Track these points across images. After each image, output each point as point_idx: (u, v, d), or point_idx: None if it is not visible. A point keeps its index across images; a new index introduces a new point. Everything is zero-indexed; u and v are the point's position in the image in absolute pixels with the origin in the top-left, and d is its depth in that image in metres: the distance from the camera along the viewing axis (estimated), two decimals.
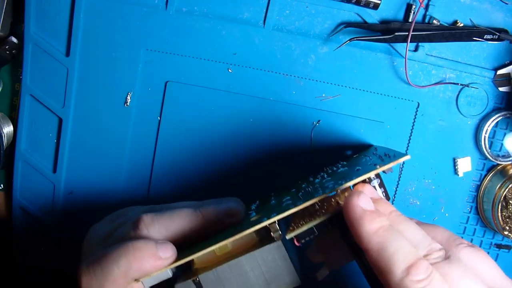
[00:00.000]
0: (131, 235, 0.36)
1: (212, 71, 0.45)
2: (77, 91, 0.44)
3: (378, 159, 0.36)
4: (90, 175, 0.46)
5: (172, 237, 0.36)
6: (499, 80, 0.46)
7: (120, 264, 0.33)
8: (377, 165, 0.34)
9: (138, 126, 0.45)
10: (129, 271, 0.33)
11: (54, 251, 0.48)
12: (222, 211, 0.37)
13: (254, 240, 0.35)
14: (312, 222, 0.33)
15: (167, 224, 0.36)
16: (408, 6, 0.44)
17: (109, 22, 0.43)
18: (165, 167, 0.46)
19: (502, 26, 0.45)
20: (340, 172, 0.38)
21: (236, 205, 0.38)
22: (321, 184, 0.37)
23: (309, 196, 0.34)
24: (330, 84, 0.45)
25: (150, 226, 0.36)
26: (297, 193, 0.37)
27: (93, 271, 0.33)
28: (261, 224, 0.33)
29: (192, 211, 0.37)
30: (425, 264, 0.29)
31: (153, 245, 0.34)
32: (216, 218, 0.37)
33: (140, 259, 0.33)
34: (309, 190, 0.36)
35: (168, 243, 0.35)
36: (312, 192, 0.35)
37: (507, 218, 0.47)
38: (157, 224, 0.36)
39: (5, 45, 0.44)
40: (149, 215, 0.36)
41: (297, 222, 0.34)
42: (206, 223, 0.37)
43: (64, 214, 0.47)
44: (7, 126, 0.46)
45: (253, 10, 0.44)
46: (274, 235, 0.34)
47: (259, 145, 0.46)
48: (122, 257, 0.33)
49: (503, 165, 0.47)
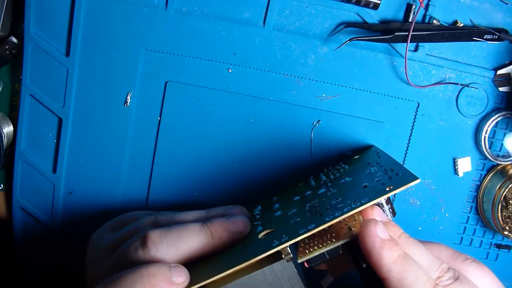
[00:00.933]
0: (139, 255, 0.35)
1: (212, 71, 0.45)
2: (77, 91, 0.44)
3: (385, 175, 0.36)
4: (90, 175, 0.46)
5: (182, 256, 0.36)
6: (499, 80, 0.46)
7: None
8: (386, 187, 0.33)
9: (138, 126, 0.45)
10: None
11: (54, 251, 0.48)
12: (231, 228, 0.37)
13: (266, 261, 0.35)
14: (324, 248, 0.34)
15: (176, 242, 0.36)
16: (408, 6, 0.44)
17: (109, 22, 0.43)
18: (165, 167, 0.46)
19: (502, 26, 0.45)
20: (344, 183, 0.38)
21: (243, 219, 0.38)
22: (326, 197, 0.37)
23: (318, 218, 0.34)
24: (330, 84, 0.45)
25: (159, 245, 0.36)
26: (303, 206, 0.37)
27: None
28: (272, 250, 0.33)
29: (200, 228, 0.37)
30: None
31: (167, 270, 0.34)
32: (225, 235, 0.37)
33: (155, 286, 0.33)
34: (315, 204, 0.36)
35: (181, 267, 0.35)
36: (320, 209, 0.35)
37: (507, 218, 0.47)
38: (165, 242, 0.36)
39: (5, 45, 0.43)
40: (156, 231, 0.36)
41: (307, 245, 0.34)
42: (215, 241, 0.37)
43: (64, 214, 0.47)
44: (7, 126, 0.46)
45: (253, 10, 0.44)
46: (285, 258, 0.34)
47: (259, 145, 0.46)
48: (137, 285, 0.33)
49: (503, 165, 0.47)
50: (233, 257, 0.35)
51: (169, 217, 0.40)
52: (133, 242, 0.36)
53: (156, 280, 0.33)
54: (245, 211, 0.40)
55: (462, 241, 0.49)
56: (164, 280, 0.33)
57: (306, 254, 0.34)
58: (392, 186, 0.33)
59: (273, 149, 0.46)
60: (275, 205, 0.40)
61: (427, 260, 0.34)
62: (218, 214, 0.40)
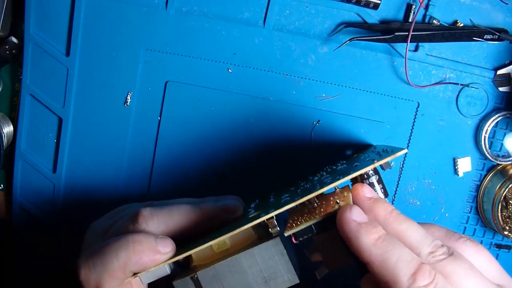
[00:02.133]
0: (129, 229, 0.36)
1: (212, 71, 0.45)
2: (77, 91, 0.44)
3: (376, 155, 0.37)
4: (90, 175, 0.46)
5: (171, 232, 0.36)
6: (499, 80, 0.46)
7: (119, 257, 0.33)
8: (375, 160, 0.34)
9: (138, 126, 0.45)
10: (128, 264, 0.33)
11: (54, 251, 0.48)
12: (221, 207, 0.37)
13: (252, 238, 0.35)
14: (311, 221, 0.33)
15: (166, 219, 0.36)
16: (408, 6, 0.44)
17: (109, 22, 0.43)
18: (165, 166, 0.46)
19: (502, 26, 0.45)
20: (339, 169, 0.39)
21: (235, 202, 0.38)
22: (319, 181, 0.37)
23: (307, 192, 0.34)
24: (330, 84, 0.45)
25: (149, 221, 0.36)
26: (296, 190, 0.37)
27: (92, 264, 0.33)
28: (259, 219, 0.33)
29: (191, 207, 0.37)
30: (428, 268, 0.30)
31: (153, 239, 0.34)
32: (215, 214, 0.37)
33: (139, 253, 0.33)
34: (307, 186, 0.36)
35: (168, 238, 0.35)
36: (310, 188, 0.35)
37: (507, 218, 0.47)
38: (156, 219, 0.36)
39: (5, 45, 0.44)
40: (148, 209, 0.36)
41: (295, 220, 0.34)
42: (205, 219, 0.37)
43: (64, 213, 0.47)
44: (7, 126, 0.46)
45: (253, 10, 0.44)
46: (272, 231, 0.34)
47: (259, 145, 0.46)
48: (121, 250, 0.33)
49: (503, 165, 0.47)
50: (220, 232, 0.35)
51: (163, 202, 0.40)
52: (125, 220, 0.37)
53: (141, 247, 0.33)
54: (238, 198, 0.40)
55: None
56: (149, 248, 0.33)
57: (293, 228, 0.33)
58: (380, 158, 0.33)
59: (273, 149, 0.46)
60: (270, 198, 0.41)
61: (418, 236, 0.33)
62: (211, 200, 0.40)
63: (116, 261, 0.33)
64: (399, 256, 0.30)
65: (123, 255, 0.33)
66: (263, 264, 0.34)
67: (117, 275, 0.33)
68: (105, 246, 0.34)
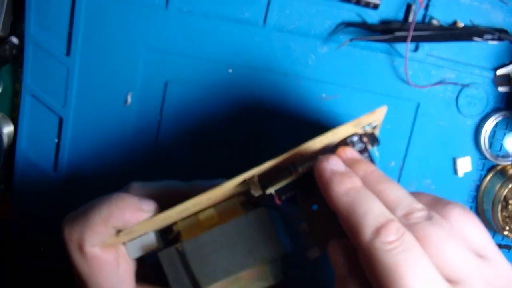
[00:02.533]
0: None
1: (212, 71, 0.45)
2: (78, 91, 0.44)
3: None
4: (91, 175, 0.46)
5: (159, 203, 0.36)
6: (499, 80, 0.46)
7: (101, 212, 0.33)
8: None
9: (138, 126, 0.45)
10: (110, 219, 0.33)
11: (54, 251, 0.48)
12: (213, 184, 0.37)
13: (240, 212, 0.35)
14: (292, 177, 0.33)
15: (155, 190, 0.37)
16: (408, 6, 0.44)
17: (110, 21, 0.43)
18: (165, 166, 0.46)
19: (502, 26, 0.45)
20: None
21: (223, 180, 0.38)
22: None
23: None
24: (330, 84, 0.45)
25: (138, 191, 0.36)
26: None
27: (76, 220, 0.34)
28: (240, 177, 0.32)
29: (183, 183, 0.38)
30: (396, 225, 0.28)
31: (136, 198, 0.34)
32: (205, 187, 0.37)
33: (122, 208, 0.33)
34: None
35: (151, 200, 0.35)
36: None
37: (507, 218, 0.47)
38: (145, 190, 0.37)
39: (5, 45, 0.44)
40: (139, 183, 0.37)
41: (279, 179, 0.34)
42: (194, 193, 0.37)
43: (64, 214, 0.47)
44: (7, 126, 0.46)
45: (253, 10, 0.44)
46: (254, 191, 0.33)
47: (259, 145, 0.46)
48: (104, 205, 0.33)
49: (503, 165, 0.47)
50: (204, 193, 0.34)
51: None
52: None
53: (124, 203, 0.33)
54: None
55: None
56: (132, 204, 0.33)
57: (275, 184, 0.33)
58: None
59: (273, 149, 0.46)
60: None
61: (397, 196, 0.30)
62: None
63: (98, 216, 0.33)
64: (368, 208, 0.28)
65: (105, 210, 0.33)
66: (248, 234, 0.34)
67: (99, 229, 0.33)
68: (89, 205, 0.34)
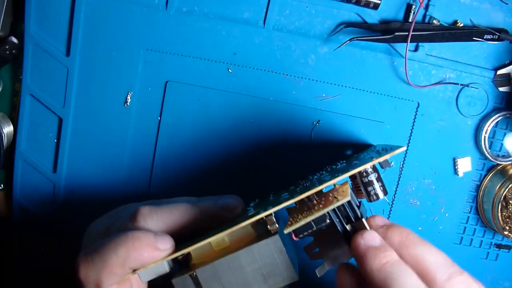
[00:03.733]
0: (129, 226, 0.36)
1: (212, 71, 0.45)
2: (77, 91, 0.44)
3: (376, 153, 0.37)
4: (90, 175, 0.46)
5: (170, 230, 0.36)
6: (499, 80, 0.46)
7: (118, 253, 0.33)
8: (373, 158, 0.34)
9: (138, 126, 0.45)
10: (127, 260, 0.33)
11: (54, 251, 0.48)
12: (220, 206, 0.37)
13: (252, 236, 0.35)
14: (310, 217, 0.33)
15: (165, 217, 0.36)
16: (408, 6, 0.44)
17: (109, 22, 0.43)
18: (165, 166, 0.46)
19: (502, 26, 0.45)
20: (339, 168, 0.39)
21: (234, 200, 0.38)
22: (319, 179, 0.37)
23: (306, 190, 0.34)
24: (330, 84, 0.45)
25: (148, 218, 0.36)
26: (295, 189, 0.37)
27: (91, 260, 0.33)
28: (257, 216, 0.33)
29: (190, 205, 0.37)
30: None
31: (152, 236, 0.34)
32: (214, 213, 0.37)
33: (138, 249, 0.33)
34: (307, 185, 0.37)
35: (167, 235, 0.35)
36: (309, 186, 0.35)
37: (507, 218, 0.47)
38: (155, 217, 0.36)
39: (5, 45, 0.44)
40: (147, 207, 0.36)
41: (295, 217, 0.34)
42: (204, 218, 0.37)
43: (64, 213, 0.47)
44: (7, 126, 0.46)
45: (253, 10, 0.44)
46: (271, 228, 0.34)
47: (259, 145, 0.46)
48: (121, 246, 0.33)
49: (503, 165, 0.47)
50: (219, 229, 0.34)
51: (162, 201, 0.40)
52: (124, 218, 0.37)
53: (140, 243, 0.33)
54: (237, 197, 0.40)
55: (462, 241, 0.49)
56: (149, 244, 0.33)
57: (293, 225, 0.33)
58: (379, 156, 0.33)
59: (273, 149, 0.46)
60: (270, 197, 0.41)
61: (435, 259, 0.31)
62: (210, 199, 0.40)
63: (116, 257, 0.33)
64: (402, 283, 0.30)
65: (122, 251, 0.33)
66: (262, 262, 0.34)
67: (116, 271, 0.33)
68: (104, 243, 0.34)
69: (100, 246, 0.34)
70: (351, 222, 0.34)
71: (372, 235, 0.33)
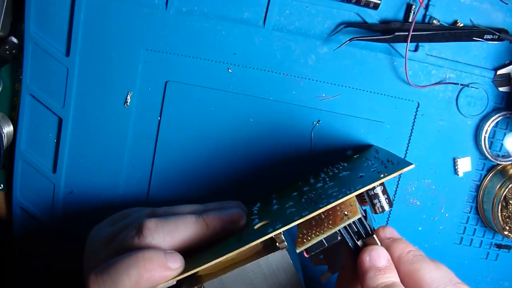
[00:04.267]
0: (135, 242, 0.36)
1: (212, 71, 0.45)
2: (77, 91, 0.44)
3: (381, 165, 0.36)
4: (90, 175, 0.46)
5: (177, 245, 0.36)
6: (499, 80, 0.46)
7: (131, 275, 0.33)
8: (381, 174, 0.34)
9: (138, 126, 0.45)
10: (140, 282, 0.33)
11: (54, 251, 0.48)
12: (226, 219, 0.38)
13: (258, 247, 0.35)
14: (322, 235, 0.33)
15: (172, 231, 0.36)
16: (408, 6, 0.44)
17: (109, 22, 0.43)
18: (165, 166, 0.46)
19: (502, 26, 0.45)
20: (342, 176, 0.38)
21: (238, 211, 0.38)
22: (323, 189, 0.37)
23: (313, 206, 0.34)
24: (330, 84, 0.45)
25: (155, 233, 0.36)
26: (300, 199, 0.37)
27: (102, 281, 0.33)
28: (267, 236, 0.33)
29: (196, 219, 0.37)
30: None
31: (163, 256, 0.34)
32: (220, 226, 0.37)
33: (150, 270, 0.33)
34: (312, 196, 0.36)
35: (177, 254, 0.35)
36: (315, 199, 0.35)
37: (507, 218, 0.47)
38: (161, 231, 0.36)
39: (5, 45, 0.43)
40: (152, 220, 0.36)
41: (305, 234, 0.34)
42: (210, 231, 0.37)
43: (64, 214, 0.47)
44: (7, 126, 0.46)
45: (253, 10, 0.44)
46: (280, 245, 0.34)
47: (259, 145, 0.46)
48: (133, 268, 0.33)
49: (503, 165, 0.47)
50: (227, 246, 0.35)
51: (166, 209, 0.40)
52: (129, 231, 0.37)
53: (152, 265, 0.33)
54: (241, 205, 0.41)
55: (462, 241, 0.49)
56: (160, 265, 0.33)
57: (305, 243, 0.33)
58: (387, 173, 0.33)
59: (273, 149, 0.46)
60: (273, 201, 0.41)
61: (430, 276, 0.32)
62: (215, 208, 0.40)
63: (128, 280, 0.33)
64: None
65: (134, 273, 0.33)
66: (269, 275, 0.34)
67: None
68: (115, 263, 0.34)
69: (111, 266, 0.34)
70: (362, 238, 0.35)
71: (378, 254, 0.33)
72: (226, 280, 0.34)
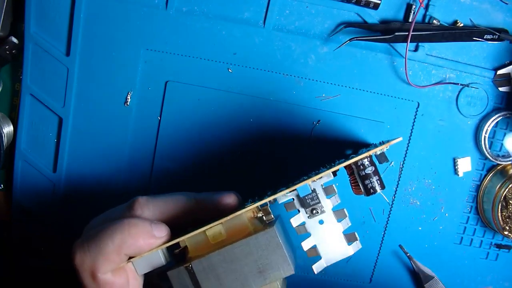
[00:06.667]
0: (125, 215, 0.36)
1: (212, 71, 0.45)
2: (77, 91, 0.44)
3: (373, 147, 0.37)
4: (90, 175, 0.46)
5: (166, 219, 0.37)
6: (499, 80, 0.46)
7: (114, 239, 0.33)
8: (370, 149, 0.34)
9: (138, 126, 0.45)
10: (123, 247, 0.33)
11: (53, 251, 0.48)
12: (216, 197, 0.38)
13: (248, 229, 0.35)
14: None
15: (161, 207, 0.37)
16: (408, 6, 0.44)
17: (109, 22, 0.43)
18: (165, 166, 0.46)
19: (502, 26, 0.45)
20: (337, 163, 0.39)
21: (230, 192, 0.39)
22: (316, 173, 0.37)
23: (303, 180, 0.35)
24: (330, 84, 0.45)
25: (145, 207, 0.36)
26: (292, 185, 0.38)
27: (87, 247, 0.34)
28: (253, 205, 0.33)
29: (186, 197, 0.38)
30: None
31: (148, 224, 0.34)
32: (210, 204, 0.37)
33: (134, 236, 0.33)
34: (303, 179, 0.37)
35: (163, 224, 0.35)
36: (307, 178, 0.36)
37: (507, 218, 0.47)
38: (151, 206, 0.37)
39: (5, 45, 0.44)
40: (144, 197, 0.37)
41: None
42: (200, 209, 0.37)
43: (64, 213, 0.47)
44: (7, 126, 0.46)
45: (253, 10, 0.44)
46: (266, 218, 0.34)
47: (259, 145, 0.46)
48: (117, 233, 0.33)
49: (503, 165, 0.47)
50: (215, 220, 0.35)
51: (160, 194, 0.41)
52: (121, 207, 0.37)
53: (136, 230, 0.34)
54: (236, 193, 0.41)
55: (462, 241, 0.49)
56: (145, 231, 0.34)
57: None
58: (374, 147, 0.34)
59: (273, 149, 0.46)
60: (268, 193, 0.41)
61: None
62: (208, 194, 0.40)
63: (111, 244, 0.33)
64: None
65: (118, 237, 0.33)
66: (258, 255, 0.34)
67: (112, 258, 0.33)
68: (101, 230, 0.34)
69: (96, 233, 0.34)
70: None
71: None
72: (214, 259, 0.34)
